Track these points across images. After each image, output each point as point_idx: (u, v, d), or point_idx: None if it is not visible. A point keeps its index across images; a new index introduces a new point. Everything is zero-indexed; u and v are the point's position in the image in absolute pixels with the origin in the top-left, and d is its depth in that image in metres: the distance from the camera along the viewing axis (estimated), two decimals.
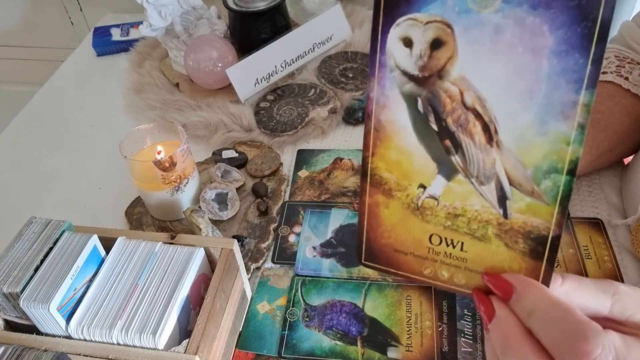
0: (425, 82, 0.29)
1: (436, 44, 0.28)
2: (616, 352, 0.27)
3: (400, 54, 0.29)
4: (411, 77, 0.29)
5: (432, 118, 0.30)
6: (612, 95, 0.61)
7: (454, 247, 0.33)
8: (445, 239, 0.33)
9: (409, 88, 0.30)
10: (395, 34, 0.29)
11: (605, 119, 0.60)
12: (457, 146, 0.30)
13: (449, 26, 0.27)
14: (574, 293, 0.31)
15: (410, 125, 0.31)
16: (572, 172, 0.27)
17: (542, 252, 0.30)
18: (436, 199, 0.32)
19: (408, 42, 0.28)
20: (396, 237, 0.35)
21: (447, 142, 0.30)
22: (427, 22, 0.27)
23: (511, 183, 0.29)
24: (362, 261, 0.37)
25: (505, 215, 0.31)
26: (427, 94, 0.29)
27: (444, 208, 0.32)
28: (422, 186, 0.33)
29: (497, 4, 0.25)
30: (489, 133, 0.28)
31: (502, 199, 0.30)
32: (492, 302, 0.32)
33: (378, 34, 0.29)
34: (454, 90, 0.28)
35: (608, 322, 0.31)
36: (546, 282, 0.31)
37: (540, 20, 0.24)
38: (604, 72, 0.62)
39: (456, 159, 0.30)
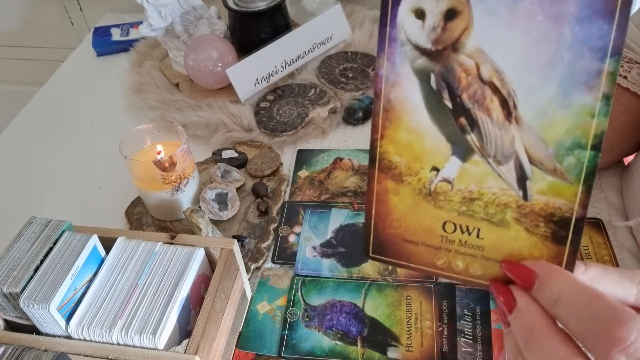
0: (439, 55, 0.28)
1: (450, 15, 0.26)
2: None
3: (411, 27, 0.28)
4: (423, 51, 0.28)
5: (446, 94, 0.28)
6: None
7: (469, 234, 0.31)
8: (460, 226, 0.31)
9: (421, 63, 0.28)
10: (406, 5, 0.27)
11: None
12: (473, 124, 0.28)
13: None
14: (598, 281, 0.29)
15: (423, 104, 0.29)
16: (597, 147, 0.26)
17: (565, 236, 0.29)
18: (450, 183, 0.31)
19: (420, 14, 0.27)
20: (406, 226, 0.33)
21: (462, 120, 0.29)
22: None
23: (531, 162, 0.28)
24: (370, 254, 0.35)
25: (525, 197, 0.29)
26: (441, 69, 0.28)
27: (459, 192, 0.31)
28: (435, 169, 0.31)
29: None
30: (508, 108, 0.27)
31: (522, 179, 0.28)
32: (512, 292, 0.30)
33: (388, 7, 0.28)
34: (470, 63, 0.27)
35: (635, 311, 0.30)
36: (570, 268, 0.29)
37: None
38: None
39: (472, 137, 0.29)
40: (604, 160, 0.63)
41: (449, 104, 0.28)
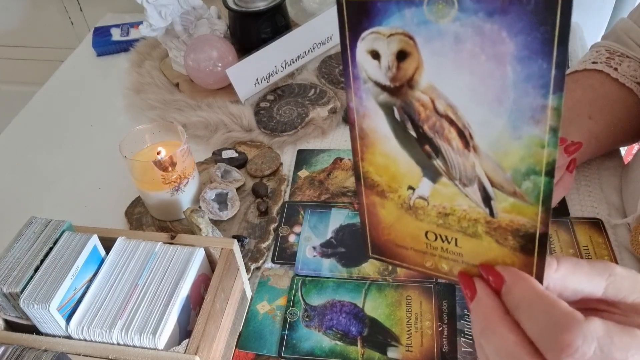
0: (398, 91, 0.29)
1: (402, 56, 0.28)
2: (598, 341, 0.27)
3: (370, 66, 0.29)
4: (384, 88, 0.29)
5: (409, 125, 0.30)
6: (601, 84, 0.62)
7: (448, 242, 0.34)
8: (440, 235, 0.34)
9: (383, 98, 0.30)
10: (362, 47, 0.29)
11: (590, 107, 0.61)
12: (437, 151, 0.30)
13: (411, 37, 0.27)
14: (569, 277, 0.31)
15: (391, 133, 0.31)
16: (550, 174, 0.27)
17: (532, 249, 0.31)
18: (425, 200, 0.33)
19: (375, 55, 0.29)
20: (396, 234, 0.36)
21: (427, 148, 0.30)
22: (390, 35, 0.28)
23: (493, 185, 0.30)
24: (370, 254, 0.38)
25: (491, 214, 0.31)
26: (401, 103, 0.29)
27: (434, 208, 0.33)
28: (411, 188, 0.33)
29: (453, 13, 0.25)
30: (465, 138, 0.28)
31: (487, 199, 0.30)
32: (474, 282, 0.33)
33: (347, 48, 0.29)
34: (425, 98, 0.28)
35: (601, 304, 0.31)
36: (540, 275, 0.31)
37: (498, 27, 0.24)
38: (594, 62, 0.65)
39: (438, 162, 0.31)
40: (594, 150, 0.63)
41: (413, 133, 0.30)
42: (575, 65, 0.68)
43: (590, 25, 0.97)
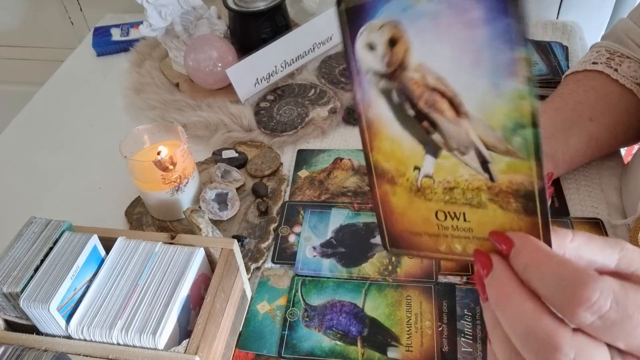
0: (393, 75, 0.32)
1: (392, 42, 0.31)
2: (614, 295, 0.28)
3: (368, 58, 0.33)
4: (382, 75, 0.33)
5: (407, 105, 0.33)
6: (603, 86, 0.62)
7: (457, 219, 0.35)
8: (449, 212, 0.36)
9: (383, 84, 0.33)
10: (360, 42, 0.32)
11: (591, 109, 0.61)
12: (434, 125, 0.33)
13: (398, 23, 0.31)
14: (583, 249, 0.31)
15: (393, 116, 0.34)
16: (535, 125, 0.29)
17: (534, 207, 0.32)
18: (431, 177, 0.35)
19: (372, 46, 0.32)
20: (409, 221, 0.38)
21: (425, 124, 0.33)
22: (381, 26, 0.31)
23: (487, 147, 0.32)
24: (389, 248, 0.40)
25: (491, 178, 0.33)
26: (398, 85, 0.33)
27: (440, 184, 0.35)
28: (417, 168, 0.35)
29: None
30: (456, 107, 0.31)
31: (484, 163, 0.32)
32: (489, 257, 0.33)
33: (348, 46, 0.33)
34: (417, 76, 0.32)
35: (615, 277, 0.31)
36: (547, 238, 0.32)
37: None
38: (594, 63, 0.64)
39: (436, 136, 0.33)
40: (594, 151, 0.63)
41: (411, 112, 0.33)
42: (575, 66, 0.68)
43: (590, 25, 0.97)
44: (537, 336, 0.29)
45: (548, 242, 0.32)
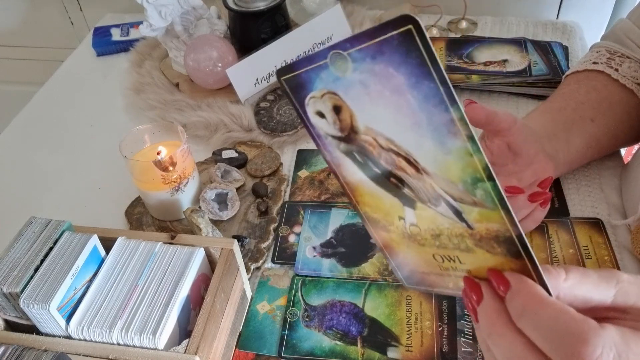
0: (349, 138, 0.33)
1: (337, 109, 0.31)
2: (617, 348, 0.27)
3: (322, 124, 0.33)
4: (340, 139, 0.33)
5: (370, 164, 0.33)
6: (604, 86, 0.62)
7: (453, 261, 0.35)
8: (443, 256, 0.35)
9: (343, 147, 0.34)
10: (310, 110, 0.33)
11: (593, 110, 0.61)
12: (401, 181, 0.33)
13: (335, 93, 0.30)
14: (578, 287, 0.30)
15: (364, 175, 0.34)
16: (490, 178, 0.28)
17: (518, 251, 0.31)
18: (417, 226, 0.35)
19: (321, 114, 0.32)
20: (414, 262, 0.38)
21: (393, 180, 0.33)
22: (322, 95, 0.31)
23: (455, 199, 0.31)
24: (407, 285, 0.40)
25: (469, 226, 0.32)
26: (357, 147, 0.33)
27: (427, 231, 0.35)
28: (401, 218, 0.35)
29: (350, 65, 0.28)
30: (413, 164, 0.31)
31: (458, 213, 0.32)
32: (480, 287, 0.33)
33: (302, 114, 0.33)
34: (369, 138, 0.31)
35: (612, 312, 0.31)
36: (540, 276, 0.31)
37: (384, 65, 0.27)
38: (595, 63, 0.65)
39: (407, 190, 0.33)
40: (594, 152, 0.63)
41: (377, 170, 0.33)
42: (575, 65, 0.68)
43: (590, 25, 0.97)
44: None
45: (543, 284, 0.30)
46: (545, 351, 0.28)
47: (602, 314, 0.30)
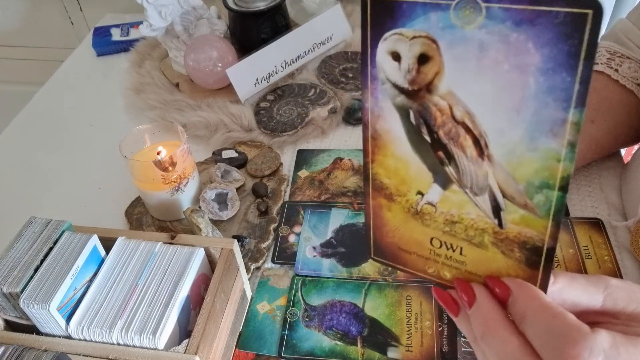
0: (415, 95, 0.29)
1: (423, 59, 0.28)
2: (605, 354, 0.27)
3: (389, 68, 0.29)
4: (402, 90, 0.29)
5: (424, 130, 0.30)
6: (605, 86, 0.62)
7: (453, 250, 0.34)
8: (445, 242, 0.34)
9: (400, 100, 0.30)
10: (383, 48, 0.29)
11: (593, 111, 0.61)
12: (450, 158, 0.30)
13: (434, 41, 0.27)
14: (566, 291, 0.31)
15: (405, 136, 0.31)
16: (564, 189, 0.27)
17: (538, 262, 0.30)
18: (434, 206, 0.33)
19: (396, 56, 0.28)
20: (400, 237, 0.36)
21: (440, 154, 0.30)
22: (413, 37, 0.27)
23: (504, 195, 0.29)
24: (372, 256, 0.38)
25: (500, 225, 0.31)
26: (418, 107, 0.29)
27: (442, 214, 0.33)
28: (420, 193, 0.33)
29: (479, 19, 0.25)
30: (480, 147, 0.28)
31: (497, 209, 0.30)
32: (473, 288, 0.33)
33: (367, 48, 0.29)
34: (443, 104, 0.28)
35: (601, 316, 0.31)
36: (544, 289, 0.31)
37: (525, 37, 0.24)
38: (595, 63, 0.64)
39: (450, 169, 0.30)
40: (594, 153, 0.63)
41: (427, 138, 0.30)
42: None
43: None
44: None
45: (544, 289, 0.31)
46: (538, 350, 0.29)
47: (593, 319, 0.31)
